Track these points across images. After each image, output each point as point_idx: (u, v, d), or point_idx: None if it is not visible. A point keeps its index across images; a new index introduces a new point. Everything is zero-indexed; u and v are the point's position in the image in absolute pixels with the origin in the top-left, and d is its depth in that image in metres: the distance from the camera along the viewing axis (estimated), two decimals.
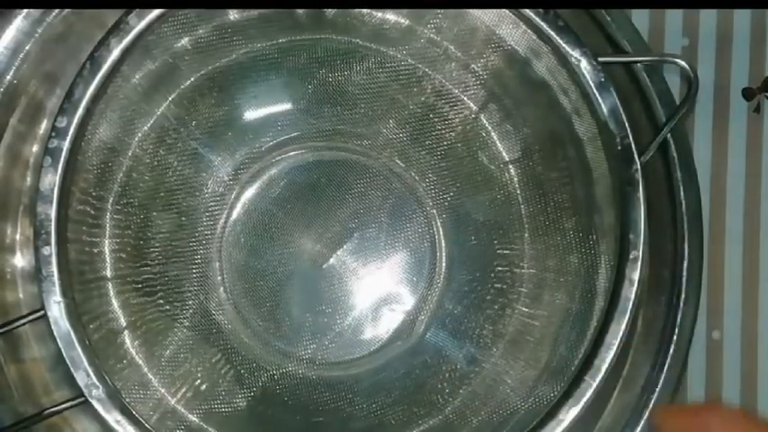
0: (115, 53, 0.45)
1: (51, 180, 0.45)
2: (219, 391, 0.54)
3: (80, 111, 0.45)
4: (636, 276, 0.44)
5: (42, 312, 0.44)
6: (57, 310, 0.44)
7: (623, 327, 0.44)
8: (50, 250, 0.44)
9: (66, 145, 0.45)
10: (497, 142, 0.55)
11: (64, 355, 0.44)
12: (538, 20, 0.45)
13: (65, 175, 0.45)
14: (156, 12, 0.45)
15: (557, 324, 0.52)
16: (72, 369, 0.44)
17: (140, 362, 0.53)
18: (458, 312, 0.56)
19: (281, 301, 0.56)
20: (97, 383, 0.44)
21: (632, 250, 0.45)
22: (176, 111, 0.53)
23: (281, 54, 0.54)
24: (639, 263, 0.44)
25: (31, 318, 0.45)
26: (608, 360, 0.44)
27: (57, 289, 0.44)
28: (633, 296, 0.44)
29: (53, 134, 0.45)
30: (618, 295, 0.45)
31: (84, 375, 0.44)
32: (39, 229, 0.44)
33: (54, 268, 0.44)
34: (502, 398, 0.52)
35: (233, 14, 0.51)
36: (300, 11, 0.52)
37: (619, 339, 0.44)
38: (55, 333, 0.44)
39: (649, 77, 0.50)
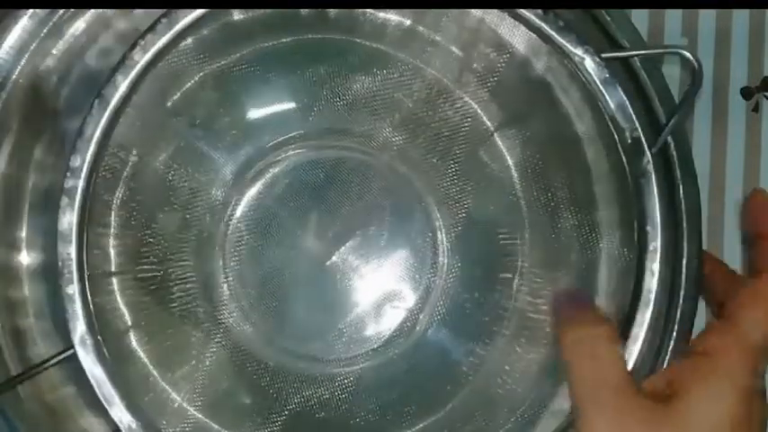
0: (122, 89, 0.44)
1: (69, 220, 0.44)
2: (222, 389, 0.55)
3: (92, 148, 0.44)
4: (656, 267, 0.44)
5: (72, 351, 0.44)
6: (86, 347, 0.44)
7: (648, 318, 0.44)
8: (74, 288, 0.44)
9: (81, 183, 0.44)
10: (498, 140, 0.55)
11: (97, 393, 0.44)
12: (538, 21, 0.45)
13: (82, 212, 0.44)
14: (161, 43, 0.44)
15: None
16: (106, 405, 0.44)
17: (145, 360, 0.53)
18: (459, 309, 0.56)
19: (284, 299, 0.56)
20: (132, 418, 0.44)
21: (651, 242, 0.45)
22: (180, 110, 0.54)
23: (284, 53, 0.54)
24: (659, 253, 0.44)
25: (60, 357, 0.44)
26: (635, 352, 0.44)
27: (84, 326, 0.44)
28: (655, 286, 0.45)
29: (68, 174, 0.44)
30: (640, 287, 0.45)
31: (119, 411, 0.44)
32: (61, 270, 0.44)
33: (78, 306, 0.44)
34: (505, 394, 0.52)
35: (236, 14, 0.51)
36: (304, 11, 0.52)
37: (645, 331, 0.44)
38: (87, 372, 0.44)
39: (648, 74, 0.49)
